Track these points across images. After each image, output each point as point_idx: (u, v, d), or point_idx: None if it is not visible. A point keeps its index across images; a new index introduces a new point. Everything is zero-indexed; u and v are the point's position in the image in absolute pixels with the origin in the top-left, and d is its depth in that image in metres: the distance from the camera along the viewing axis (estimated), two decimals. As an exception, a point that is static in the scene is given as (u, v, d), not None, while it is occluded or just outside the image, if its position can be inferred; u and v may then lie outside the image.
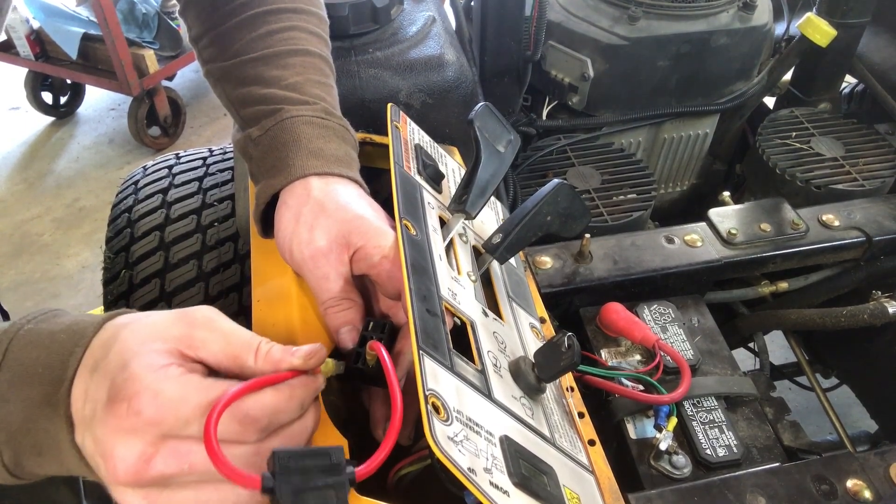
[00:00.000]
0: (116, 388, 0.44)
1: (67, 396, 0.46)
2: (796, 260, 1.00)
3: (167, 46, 3.16)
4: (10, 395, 0.47)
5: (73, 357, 0.47)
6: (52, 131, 3.40)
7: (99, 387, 0.46)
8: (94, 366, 0.47)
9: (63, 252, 2.70)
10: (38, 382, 0.47)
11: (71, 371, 0.47)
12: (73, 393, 0.46)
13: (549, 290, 0.89)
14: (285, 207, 0.66)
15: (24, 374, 0.47)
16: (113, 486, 0.45)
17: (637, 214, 1.10)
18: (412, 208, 0.67)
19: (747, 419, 0.81)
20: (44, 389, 0.47)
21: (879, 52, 1.33)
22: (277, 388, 0.49)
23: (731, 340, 1.02)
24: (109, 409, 0.44)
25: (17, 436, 0.47)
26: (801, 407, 1.75)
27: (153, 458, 0.44)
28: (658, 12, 1.20)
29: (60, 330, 0.49)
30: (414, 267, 0.59)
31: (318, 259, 0.63)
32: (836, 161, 1.20)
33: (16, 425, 0.47)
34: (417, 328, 0.53)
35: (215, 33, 0.75)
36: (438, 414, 0.48)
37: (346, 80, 0.93)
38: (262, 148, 0.69)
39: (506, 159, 0.73)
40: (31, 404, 0.47)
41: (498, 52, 1.19)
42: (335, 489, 0.44)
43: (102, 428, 0.44)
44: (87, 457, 0.46)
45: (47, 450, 0.47)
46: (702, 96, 1.30)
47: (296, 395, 0.50)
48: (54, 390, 0.47)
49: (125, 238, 1.25)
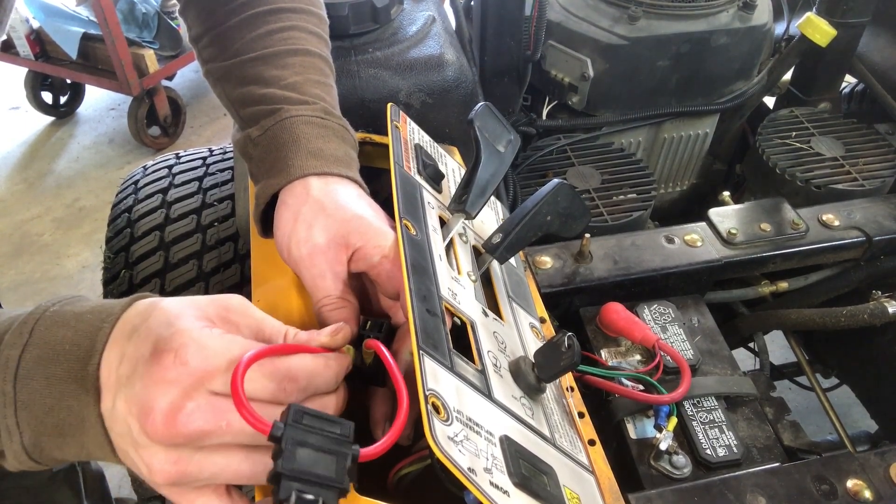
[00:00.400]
0: (163, 341, 0.46)
1: (97, 369, 0.47)
2: (796, 260, 1.00)
3: (167, 46, 3.16)
4: (36, 373, 0.47)
5: (101, 332, 0.48)
6: (52, 131, 3.40)
7: (140, 345, 0.47)
8: (132, 331, 0.48)
9: (63, 252, 2.70)
10: (64, 359, 0.47)
11: (100, 345, 0.48)
12: (102, 364, 0.47)
13: (549, 290, 0.89)
14: (285, 207, 0.66)
15: (51, 353, 0.48)
16: (144, 448, 0.45)
17: (637, 214, 1.10)
18: (412, 208, 0.67)
19: (747, 419, 0.81)
20: (70, 366, 0.47)
21: (879, 52, 1.33)
22: (315, 355, 0.52)
23: (731, 340, 1.02)
24: (154, 361, 0.45)
25: (39, 415, 0.47)
26: (801, 407, 1.75)
27: (193, 412, 0.44)
28: (658, 12, 1.20)
29: (87, 311, 0.50)
30: (414, 267, 0.59)
31: (316, 257, 0.63)
32: (836, 161, 1.20)
33: (39, 404, 0.47)
34: (417, 328, 0.53)
35: (215, 33, 0.75)
36: (439, 414, 0.48)
37: (345, 80, 0.93)
38: (261, 148, 0.69)
39: (506, 159, 0.73)
40: (56, 381, 0.47)
41: (498, 51, 1.19)
42: (336, 457, 0.45)
43: (143, 381, 0.45)
44: (116, 423, 0.46)
45: (69, 429, 0.48)
46: (702, 96, 1.30)
47: (331, 365, 0.53)
48: (81, 366, 0.47)
49: (125, 238, 1.25)
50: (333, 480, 0.44)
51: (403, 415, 0.49)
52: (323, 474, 0.44)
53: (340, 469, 0.45)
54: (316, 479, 0.43)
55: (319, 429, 0.46)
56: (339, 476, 0.44)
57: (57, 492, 1.26)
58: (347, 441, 0.46)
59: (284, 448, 0.43)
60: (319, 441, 0.45)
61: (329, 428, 0.46)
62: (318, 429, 0.45)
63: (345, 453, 0.45)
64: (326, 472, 0.44)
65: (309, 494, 0.42)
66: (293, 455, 0.43)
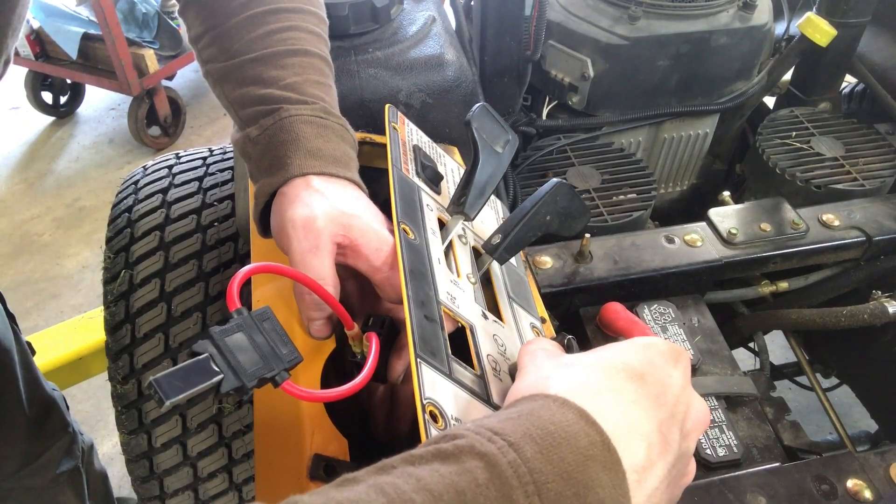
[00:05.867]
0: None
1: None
2: (796, 260, 1.00)
3: (167, 46, 3.16)
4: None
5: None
6: (52, 131, 3.40)
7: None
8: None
9: (63, 252, 2.70)
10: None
11: None
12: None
13: (549, 290, 0.89)
14: (283, 196, 0.66)
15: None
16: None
17: (637, 214, 1.10)
18: (410, 211, 0.67)
19: (747, 419, 0.81)
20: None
21: (879, 52, 1.33)
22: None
23: (731, 340, 1.02)
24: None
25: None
26: (801, 407, 1.75)
27: None
28: (658, 12, 1.20)
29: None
30: (412, 272, 0.59)
31: (310, 230, 0.62)
32: (836, 161, 1.20)
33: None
34: (415, 335, 0.53)
35: (215, 33, 0.75)
36: (436, 423, 0.48)
37: (345, 80, 0.93)
38: (260, 147, 0.69)
39: (504, 159, 0.73)
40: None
41: (498, 51, 1.19)
42: (263, 363, 0.49)
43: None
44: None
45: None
46: (702, 96, 1.30)
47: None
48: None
49: (125, 238, 1.25)
50: (242, 373, 0.47)
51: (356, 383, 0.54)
52: (239, 362, 0.47)
53: (255, 373, 0.47)
54: (230, 359, 0.46)
55: (272, 338, 0.49)
56: (249, 375, 0.47)
57: (61, 493, 1.26)
58: (283, 364, 0.49)
59: (230, 325, 0.47)
60: (263, 345, 0.48)
61: (280, 344, 0.50)
62: (270, 337, 0.49)
63: (271, 367, 0.48)
64: (243, 364, 0.47)
65: (214, 364, 0.46)
66: (231, 333, 0.47)
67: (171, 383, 0.43)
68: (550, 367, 0.48)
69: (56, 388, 1.23)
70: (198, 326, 1.18)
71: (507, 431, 0.39)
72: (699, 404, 0.50)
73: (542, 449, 0.38)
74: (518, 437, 0.38)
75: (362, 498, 0.35)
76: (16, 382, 1.06)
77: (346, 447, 0.58)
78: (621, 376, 0.46)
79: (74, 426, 1.27)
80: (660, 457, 0.43)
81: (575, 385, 0.45)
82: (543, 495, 0.36)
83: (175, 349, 1.17)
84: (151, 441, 1.19)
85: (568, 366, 0.47)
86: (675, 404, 0.46)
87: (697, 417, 0.49)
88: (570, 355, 0.50)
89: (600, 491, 0.38)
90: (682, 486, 0.48)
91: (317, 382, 0.63)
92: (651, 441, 0.43)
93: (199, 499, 1.28)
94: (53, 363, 1.73)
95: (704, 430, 0.50)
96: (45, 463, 1.19)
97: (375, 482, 0.36)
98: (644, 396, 0.45)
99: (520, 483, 0.36)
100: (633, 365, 0.46)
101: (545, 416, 0.41)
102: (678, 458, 0.45)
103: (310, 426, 0.58)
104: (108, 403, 1.26)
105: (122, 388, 1.18)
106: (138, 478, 1.24)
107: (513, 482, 0.36)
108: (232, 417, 1.19)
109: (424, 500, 0.35)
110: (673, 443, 0.45)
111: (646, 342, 0.50)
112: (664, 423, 0.44)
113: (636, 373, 0.46)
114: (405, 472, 0.37)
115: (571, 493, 0.37)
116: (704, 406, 0.50)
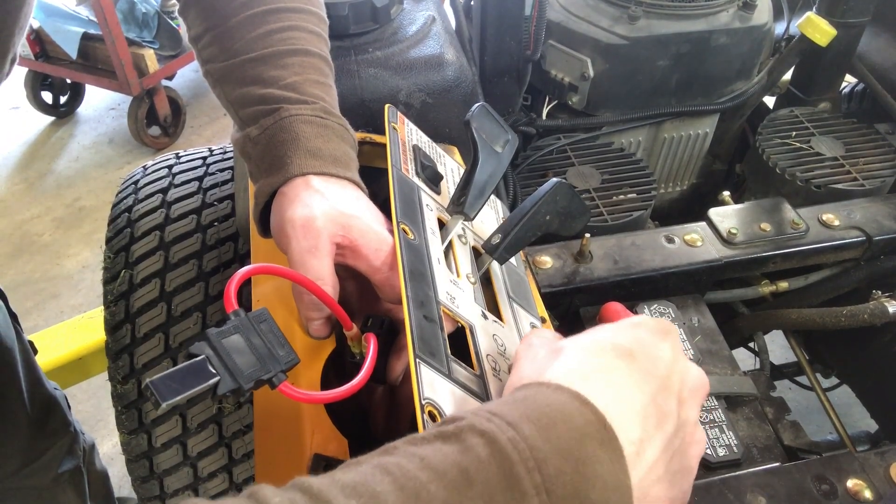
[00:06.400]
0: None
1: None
2: (796, 259, 0.99)
3: (167, 46, 3.16)
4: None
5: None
6: (52, 131, 3.40)
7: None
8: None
9: (63, 252, 2.70)
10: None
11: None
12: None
13: (549, 290, 0.89)
14: (283, 196, 0.66)
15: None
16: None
17: (637, 214, 1.10)
18: (410, 211, 0.67)
19: (747, 419, 0.81)
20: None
21: (879, 52, 1.33)
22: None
23: (731, 340, 1.02)
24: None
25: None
26: (801, 407, 1.75)
27: None
28: (658, 12, 1.20)
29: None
30: (412, 273, 0.59)
31: (310, 229, 0.62)
32: (836, 161, 1.20)
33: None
34: (414, 336, 0.53)
35: (215, 33, 0.75)
36: (435, 423, 0.48)
37: (345, 80, 0.93)
38: (260, 147, 0.69)
39: (504, 159, 0.73)
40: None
41: (498, 51, 1.19)
42: (260, 366, 0.49)
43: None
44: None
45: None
46: (702, 96, 1.30)
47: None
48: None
49: (125, 238, 1.25)
50: (238, 375, 0.47)
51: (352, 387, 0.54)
52: (236, 364, 0.47)
53: (252, 375, 0.47)
54: (227, 361, 0.46)
55: (269, 340, 0.49)
56: (245, 377, 0.47)
57: (62, 493, 1.26)
58: (280, 366, 0.49)
59: (227, 326, 0.47)
60: (260, 347, 0.48)
61: (277, 346, 0.50)
62: (268, 339, 0.49)
63: (268, 369, 0.48)
64: (240, 366, 0.47)
65: (210, 366, 0.46)
66: (228, 335, 0.47)
67: (167, 385, 0.43)
68: (543, 356, 0.49)
69: (58, 388, 1.23)
70: (198, 326, 1.18)
71: (504, 413, 0.40)
72: (695, 371, 0.50)
73: (539, 428, 0.39)
74: (515, 417, 0.39)
75: (367, 478, 0.35)
76: (18, 381, 1.06)
77: (345, 447, 0.58)
78: (611, 355, 0.46)
79: (76, 426, 1.27)
80: (657, 428, 0.44)
81: (567, 370, 0.45)
82: (544, 470, 0.37)
83: (175, 349, 1.17)
84: (151, 441, 1.19)
85: (559, 351, 0.48)
86: (667, 376, 0.47)
87: (694, 385, 0.49)
88: (562, 340, 0.50)
89: (598, 466, 0.39)
90: (692, 455, 0.48)
91: (317, 383, 0.63)
92: (646, 414, 0.44)
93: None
94: (53, 363, 1.73)
95: (705, 394, 0.50)
96: (46, 462, 1.19)
97: (379, 462, 0.37)
98: (635, 371, 0.45)
99: (520, 458, 0.37)
100: (623, 343, 0.47)
101: (540, 399, 0.41)
102: (678, 427, 0.46)
103: (310, 426, 0.58)
104: (109, 403, 1.26)
105: (122, 387, 1.18)
106: (138, 478, 1.24)
107: (514, 457, 0.37)
108: (232, 417, 1.19)
109: (428, 477, 0.36)
110: (670, 413, 0.45)
111: (633, 321, 0.51)
112: (658, 395, 0.45)
113: (626, 350, 0.47)
114: (408, 452, 0.38)
115: (571, 469, 0.38)
116: (700, 372, 0.50)
